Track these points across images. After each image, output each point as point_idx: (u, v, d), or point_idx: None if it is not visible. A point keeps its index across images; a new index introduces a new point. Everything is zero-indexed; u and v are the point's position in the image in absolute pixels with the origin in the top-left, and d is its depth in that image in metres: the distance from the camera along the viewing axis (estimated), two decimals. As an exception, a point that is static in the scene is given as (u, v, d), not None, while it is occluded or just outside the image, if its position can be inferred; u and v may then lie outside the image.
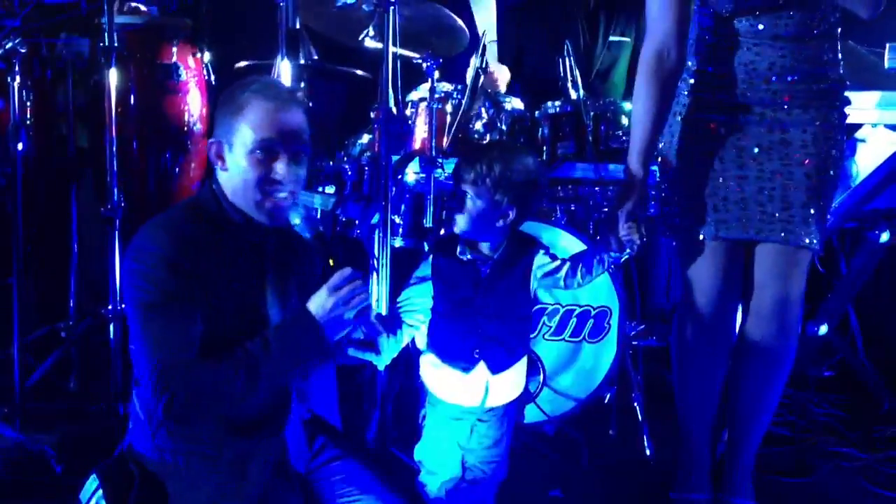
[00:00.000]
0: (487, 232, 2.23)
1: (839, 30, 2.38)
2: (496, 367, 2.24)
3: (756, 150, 2.37)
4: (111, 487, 1.86)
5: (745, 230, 2.41)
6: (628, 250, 2.26)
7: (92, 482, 1.89)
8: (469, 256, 2.24)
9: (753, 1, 2.28)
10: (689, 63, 2.43)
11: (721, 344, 2.56)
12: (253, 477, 1.90)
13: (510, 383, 2.29)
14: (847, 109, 2.44)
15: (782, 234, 2.38)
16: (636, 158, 2.35)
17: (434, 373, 2.29)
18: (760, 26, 2.31)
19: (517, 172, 2.18)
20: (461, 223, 2.21)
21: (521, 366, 2.32)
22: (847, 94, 2.43)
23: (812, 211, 2.37)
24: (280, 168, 1.86)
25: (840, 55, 2.38)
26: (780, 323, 2.47)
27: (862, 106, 3.04)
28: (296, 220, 1.93)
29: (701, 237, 2.44)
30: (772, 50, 2.32)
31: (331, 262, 1.90)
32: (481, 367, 2.23)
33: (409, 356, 3.15)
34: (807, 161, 2.35)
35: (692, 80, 2.43)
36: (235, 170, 1.87)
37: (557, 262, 2.29)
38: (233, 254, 1.89)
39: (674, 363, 2.63)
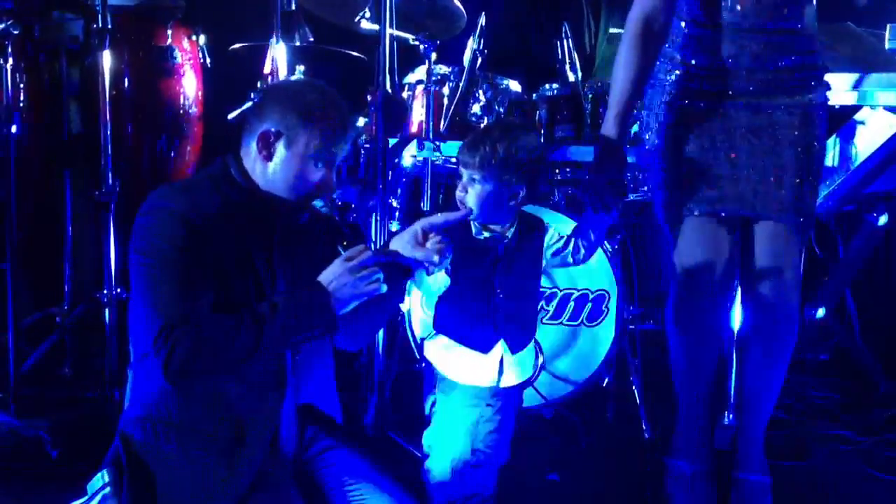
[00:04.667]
0: (499, 213, 2.22)
1: (815, 24, 2.43)
2: (515, 347, 2.25)
3: (745, 130, 2.40)
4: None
5: (741, 206, 2.42)
6: (612, 209, 2.28)
7: (101, 479, 1.86)
8: (486, 235, 2.24)
9: None
10: (676, 56, 2.45)
11: (717, 317, 2.56)
12: (244, 466, 1.87)
13: (522, 364, 2.29)
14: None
15: (777, 212, 2.40)
16: (614, 121, 2.35)
17: (446, 355, 2.26)
18: (739, 19, 2.34)
19: (522, 150, 2.17)
20: (473, 208, 2.19)
21: (533, 346, 2.33)
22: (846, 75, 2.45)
23: (804, 189, 2.40)
24: (329, 178, 1.94)
25: (817, 44, 2.42)
26: (778, 303, 2.47)
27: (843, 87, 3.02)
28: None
29: (696, 213, 2.45)
30: (753, 42, 2.35)
31: (344, 243, 1.92)
32: (500, 346, 2.23)
33: (405, 341, 3.15)
34: (796, 141, 2.38)
35: (678, 72, 2.45)
36: (282, 164, 1.90)
37: (563, 240, 2.31)
38: (246, 227, 1.89)
39: (669, 335, 2.61)
